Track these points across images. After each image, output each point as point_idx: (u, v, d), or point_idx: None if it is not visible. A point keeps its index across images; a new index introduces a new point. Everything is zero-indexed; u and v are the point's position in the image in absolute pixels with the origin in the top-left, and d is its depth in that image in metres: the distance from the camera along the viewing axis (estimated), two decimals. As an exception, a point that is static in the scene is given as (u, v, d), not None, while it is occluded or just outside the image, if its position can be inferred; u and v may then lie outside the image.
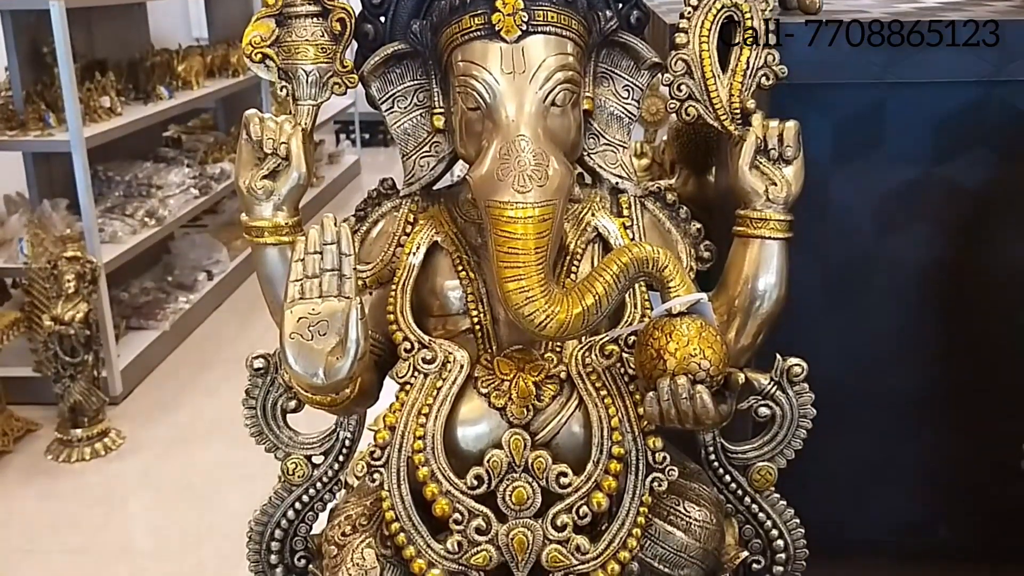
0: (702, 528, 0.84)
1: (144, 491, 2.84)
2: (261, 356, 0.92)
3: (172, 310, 3.61)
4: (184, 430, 3.15)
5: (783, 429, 0.90)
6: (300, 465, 0.94)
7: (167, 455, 3.00)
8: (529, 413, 0.81)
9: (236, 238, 4.18)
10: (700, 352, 0.74)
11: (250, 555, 0.96)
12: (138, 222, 3.41)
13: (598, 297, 0.75)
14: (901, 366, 1.08)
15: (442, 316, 0.87)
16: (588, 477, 0.79)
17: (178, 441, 3.08)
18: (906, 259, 1.05)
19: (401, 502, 0.80)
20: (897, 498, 1.12)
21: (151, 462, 2.96)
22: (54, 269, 2.96)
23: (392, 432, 0.81)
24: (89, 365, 3.01)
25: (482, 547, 0.78)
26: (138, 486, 2.87)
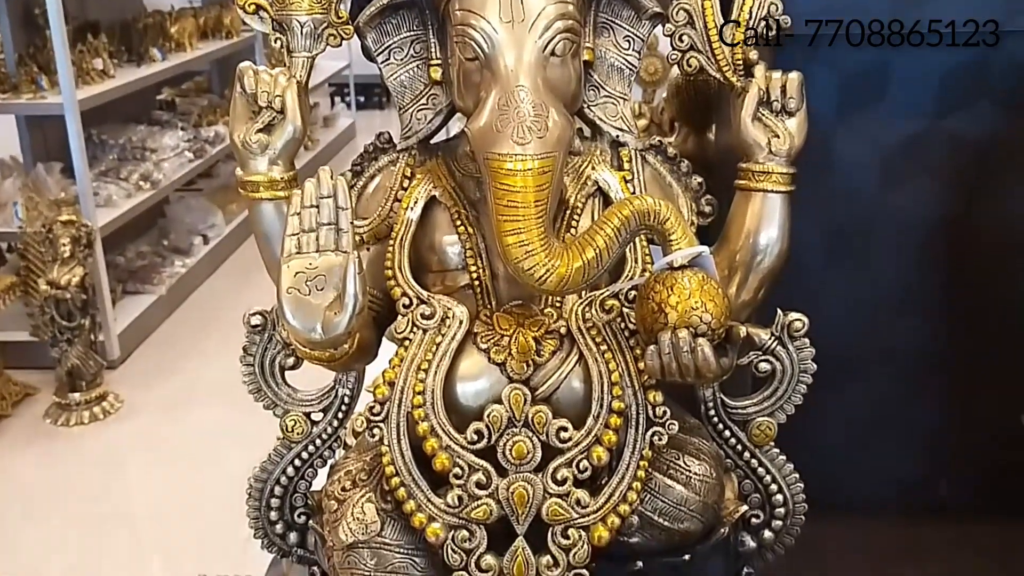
0: (702, 482, 0.84)
1: (143, 454, 2.85)
2: (258, 313, 0.91)
3: (168, 274, 3.60)
4: (182, 394, 3.15)
5: (783, 384, 0.90)
6: (299, 422, 0.93)
7: (166, 418, 3.01)
8: (529, 368, 0.81)
9: (231, 202, 4.15)
10: (701, 305, 0.73)
11: (250, 512, 0.96)
12: (133, 186, 3.38)
13: (599, 251, 0.74)
14: (903, 322, 1.08)
15: (441, 272, 0.86)
16: (588, 432, 0.79)
17: (176, 404, 3.09)
18: (909, 214, 1.04)
19: (401, 457, 0.80)
20: (897, 455, 1.12)
21: (150, 425, 2.97)
22: (49, 233, 2.95)
23: (391, 388, 0.81)
24: (86, 329, 3.01)
25: (482, 501, 0.78)
26: (137, 449, 2.88)
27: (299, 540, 0.96)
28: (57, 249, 2.94)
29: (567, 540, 0.79)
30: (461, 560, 0.79)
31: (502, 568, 0.79)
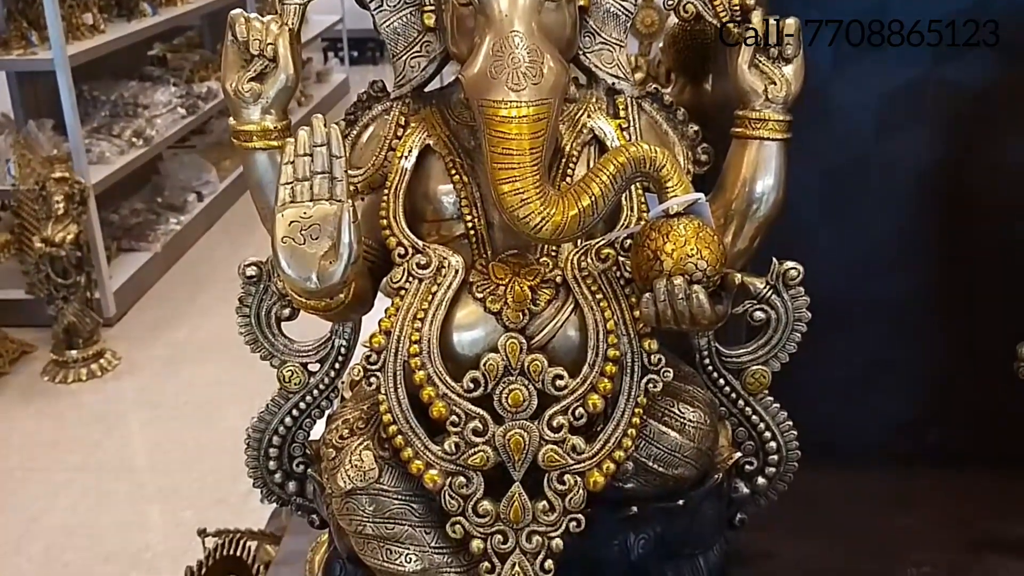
0: (696, 428, 0.84)
1: (141, 410, 2.87)
2: (253, 264, 0.91)
3: (163, 231, 3.59)
4: (179, 350, 3.16)
5: (778, 333, 0.90)
6: (296, 373, 0.94)
7: (163, 375, 3.02)
8: (525, 317, 0.81)
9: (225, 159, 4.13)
10: (697, 252, 0.73)
11: (248, 461, 0.96)
12: (125, 142, 3.37)
13: (594, 198, 0.74)
14: (898, 270, 1.08)
15: (436, 221, 0.86)
16: (584, 379, 0.80)
17: (174, 361, 3.10)
18: (905, 162, 1.04)
19: (398, 405, 0.80)
20: (890, 402, 1.13)
21: (147, 382, 2.99)
22: (42, 191, 2.94)
23: (388, 336, 0.81)
24: (81, 287, 3.01)
25: (479, 448, 0.79)
26: (135, 405, 2.90)
27: (298, 489, 0.97)
28: (51, 206, 2.93)
29: (563, 486, 0.79)
30: (459, 506, 0.79)
31: (499, 513, 0.79)
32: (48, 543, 2.25)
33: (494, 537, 0.80)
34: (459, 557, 0.82)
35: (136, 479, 2.55)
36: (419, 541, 0.81)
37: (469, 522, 0.80)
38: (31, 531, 2.29)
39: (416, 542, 0.81)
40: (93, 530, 2.29)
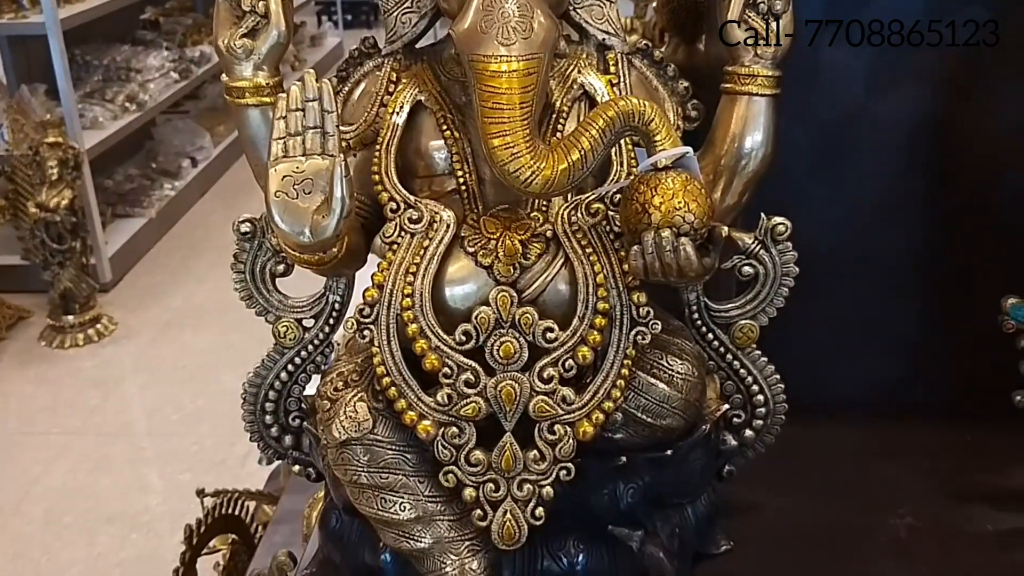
0: (684, 380, 0.86)
1: (138, 374, 2.89)
2: (248, 220, 0.92)
3: (157, 197, 3.59)
4: (176, 315, 3.18)
5: (766, 287, 0.91)
6: (291, 328, 0.95)
7: (160, 340, 3.04)
8: (516, 271, 0.82)
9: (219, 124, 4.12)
10: (685, 205, 0.74)
11: (245, 416, 0.98)
12: (119, 107, 3.35)
13: (584, 152, 0.75)
14: (886, 227, 1.09)
15: (427, 177, 0.87)
16: (574, 332, 0.81)
17: (170, 326, 3.12)
18: (895, 119, 1.04)
19: (391, 358, 0.81)
20: (876, 359, 1.15)
21: (144, 347, 3.00)
22: (36, 156, 2.93)
23: (380, 290, 0.82)
24: (77, 252, 3.02)
25: (471, 399, 0.80)
26: (132, 370, 2.92)
27: (294, 443, 0.99)
28: (45, 172, 2.93)
29: (553, 436, 0.81)
30: (451, 455, 0.81)
31: (491, 462, 0.81)
32: (48, 506, 2.28)
33: (486, 485, 0.81)
34: (452, 505, 0.83)
35: (134, 443, 2.57)
36: (413, 490, 0.83)
37: (462, 471, 0.81)
38: (31, 494, 2.32)
39: (410, 491, 0.83)
40: (92, 493, 2.32)
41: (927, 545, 0.97)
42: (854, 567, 0.95)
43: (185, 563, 1.46)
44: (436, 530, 0.84)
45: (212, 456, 2.37)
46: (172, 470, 2.41)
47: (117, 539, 2.16)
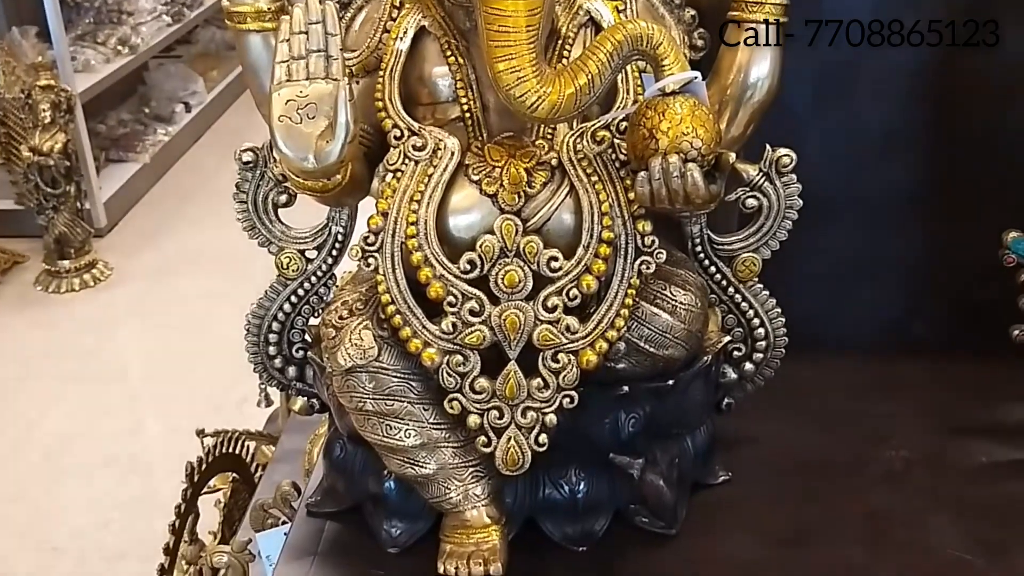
0: (687, 311, 0.86)
1: (135, 319, 2.88)
2: (250, 149, 0.91)
3: (151, 142, 3.56)
4: (172, 261, 3.17)
5: (769, 220, 0.91)
6: (293, 259, 0.95)
7: (156, 284, 3.03)
8: (520, 200, 0.81)
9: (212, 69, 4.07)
10: (692, 131, 0.74)
11: (248, 347, 0.98)
12: (111, 50, 3.31)
13: (591, 76, 0.74)
14: (886, 163, 1.09)
15: (431, 104, 0.86)
16: (578, 261, 0.81)
17: (166, 271, 3.11)
18: (898, 54, 1.04)
19: (396, 286, 0.81)
20: (875, 294, 1.15)
21: (140, 291, 3.00)
22: (28, 99, 2.90)
23: (385, 218, 0.82)
24: (71, 196, 3.00)
25: (476, 327, 0.80)
26: (129, 314, 2.91)
27: (297, 374, 0.99)
28: (37, 115, 2.90)
29: (557, 364, 0.81)
30: (456, 383, 0.81)
31: (495, 390, 0.82)
32: (46, 450, 2.29)
33: (490, 413, 0.82)
34: (456, 432, 0.84)
35: (131, 387, 2.58)
36: (418, 417, 0.83)
37: (466, 398, 0.82)
38: (29, 438, 2.33)
39: (415, 418, 0.83)
40: (90, 437, 2.33)
41: (921, 476, 0.98)
42: (849, 497, 0.96)
43: (187, 499, 1.47)
44: (440, 456, 0.84)
45: (209, 400, 2.38)
46: (169, 414, 2.41)
47: (115, 482, 2.17)
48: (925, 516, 0.93)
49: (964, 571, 0.86)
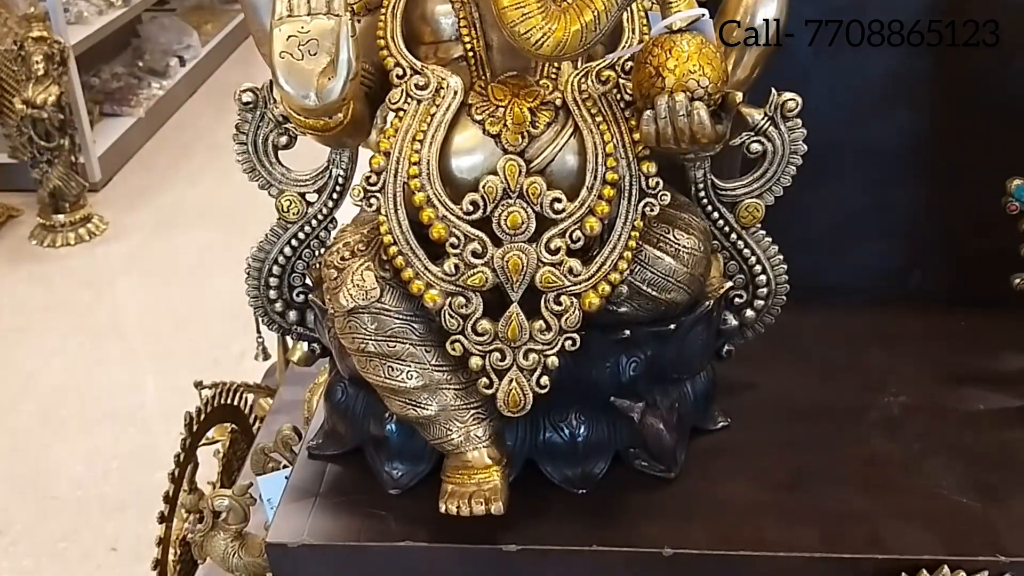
0: (690, 255, 0.86)
1: (131, 274, 2.88)
2: (250, 90, 0.90)
3: (146, 96, 3.53)
4: (167, 216, 3.15)
5: (774, 165, 0.91)
6: (294, 202, 0.94)
7: (152, 239, 3.02)
8: (524, 140, 0.81)
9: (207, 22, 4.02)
10: (699, 69, 0.73)
11: (249, 291, 0.98)
12: (104, 2, 3.26)
13: (597, 13, 0.73)
14: (889, 114, 1.09)
15: (434, 43, 0.85)
16: (582, 203, 0.80)
17: (162, 226, 3.09)
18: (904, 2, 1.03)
19: (399, 226, 0.81)
20: (875, 245, 1.15)
21: (136, 246, 2.99)
22: (21, 51, 2.87)
23: (387, 158, 0.81)
24: (66, 150, 2.98)
25: (478, 269, 0.80)
26: (125, 269, 2.90)
27: (298, 318, 0.99)
28: (30, 67, 2.87)
29: (559, 306, 0.81)
30: (458, 325, 0.81)
31: (497, 332, 0.81)
32: (44, 402, 2.29)
33: (492, 355, 0.82)
34: (458, 374, 0.84)
35: (128, 342, 2.58)
36: (419, 359, 0.83)
37: (468, 340, 0.82)
38: (26, 391, 2.33)
39: (417, 360, 0.83)
40: (88, 390, 2.33)
41: (919, 422, 0.99)
42: (847, 442, 0.97)
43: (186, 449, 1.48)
44: (442, 398, 0.85)
45: (207, 355, 2.38)
46: (167, 368, 2.42)
47: (113, 434, 2.18)
48: (922, 461, 0.94)
49: (962, 514, 0.87)
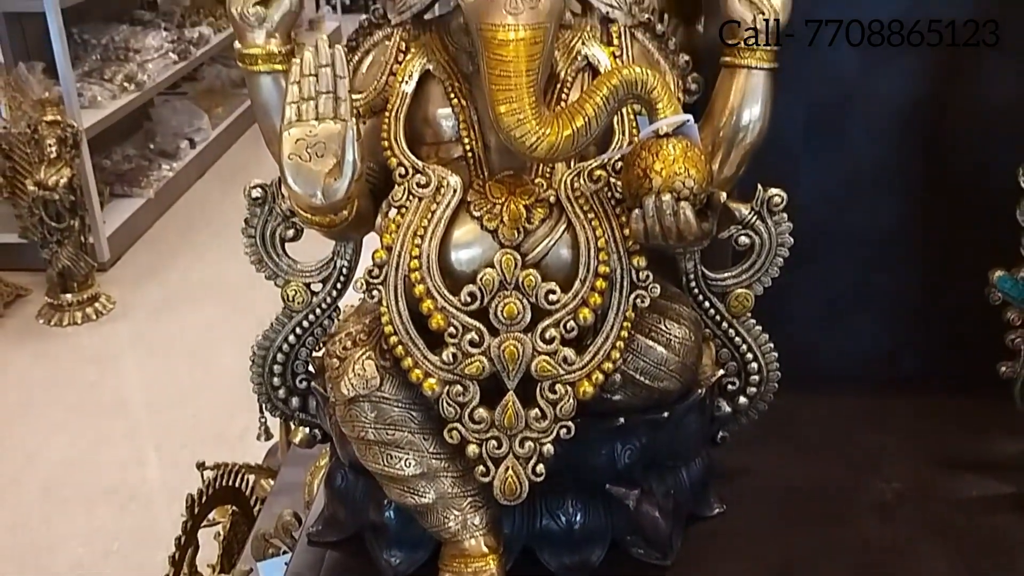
0: (681, 344, 0.89)
1: (137, 351, 2.91)
2: (259, 186, 0.94)
3: (156, 178, 3.60)
4: (173, 294, 3.19)
5: (762, 257, 0.94)
6: (299, 292, 0.97)
7: (158, 318, 3.06)
8: (520, 235, 0.84)
9: (217, 106, 4.12)
10: (685, 171, 0.77)
11: (253, 378, 1.00)
12: (117, 87, 3.36)
13: (588, 118, 0.77)
14: (877, 200, 1.12)
15: (435, 144, 0.89)
16: (575, 294, 0.83)
17: (168, 305, 3.13)
18: (890, 95, 1.07)
19: (399, 317, 0.84)
20: (866, 328, 1.18)
21: (142, 324, 3.02)
22: (35, 133, 2.94)
23: (389, 252, 0.84)
24: (75, 230, 3.03)
25: (475, 358, 0.83)
26: (130, 347, 2.93)
27: (300, 404, 1.01)
28: (43, 150, 2.94)
29: (554, 395, 0.84)
30: (455, 413, 0.84)
31: (494, 420, 0.84)
32: (47, 478, 2.30)
33: (489, 442, 0.84)
34: (456, 462, 0.86)
35: (132, 418, 2.59)
36: (418, 447, 0.86)
37: (465, 428, 0.84)
38: (30, 467, 2.34)
39: (415, 447, 0.85)
40: (91, 466, 2.34)
41: (912, 506, 1.00)
42: (841, 528, 0.98)
43: (187, 532, 1.49)
44: (440, 486, 0.86)
45: (209, 431, 2.39)
46: (170, 445, 2.43)
47: (115, 511, 2.18)
48: (915, 546, 0.95)
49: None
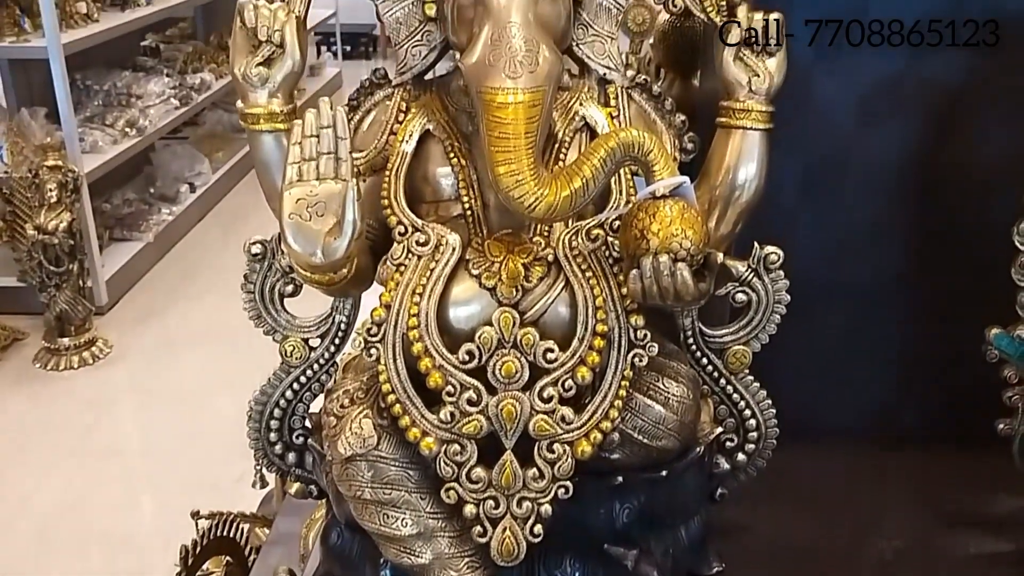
0: (679, 402, 0.89)
1: (133, 396, 2.89)
2: (258, 242, 0.95)
3: (155, 222, 3.61)
4: (171, 338, 3.18)
5: (759, 314, 0.94)
6: (297, 347, 0.97)
7: (155, 362, 3.05)
8: (518, 293, 0.85)
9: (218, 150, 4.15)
10: (681, 232, 0.77)
11: (250, 433, 1.00)
12: (119, 132, 3.38)
13: (585, 180, 0.78)
14: (874, 256, 1.13)
15: (434, 202, 0.90)
16: (573, 353, 0.83)
17: (165, 349, 3.12)
18: (882, 152, 1.09)
19: (397, 375, 0.84)
20: (864, 385, 1.18)
21: (139, 369, 3.01)
22: (35, 178, 2.95)
23: (388, 310, 0.85)
24: (74, 274, 3.03)
25: (473, 417, 0.83)
26: (127, 391, 2.92)
27: (297, 460, 1.01)
28: (44, 194, 2.95)
29: (552, 454, 0.83)
30: (453, 472, 0.83)
31: (491, 480, 0.83)
32: (40, 523, 2.28)
33: (486, 503, 0.84)
34: (453, 522, 0.86)
35: (127, 463, 2.57)
36: (415, 506, 0.85)
37: (463, 488, 0.83)
38: (23, 511, 2.31)
39: (412, 507, 0.85)
40: (85, 512, 2.32)
41: (911, 566, 1.00)
42: (842, 588, 0.97)
43: (180, 583, 1.47)
44: (437, 546, 0.86)
45: (205, 478, 2.37)
46: (165, 491, 2.41)
47: (109, 557, 2.15)
48: (916, 607, 0.94)
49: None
